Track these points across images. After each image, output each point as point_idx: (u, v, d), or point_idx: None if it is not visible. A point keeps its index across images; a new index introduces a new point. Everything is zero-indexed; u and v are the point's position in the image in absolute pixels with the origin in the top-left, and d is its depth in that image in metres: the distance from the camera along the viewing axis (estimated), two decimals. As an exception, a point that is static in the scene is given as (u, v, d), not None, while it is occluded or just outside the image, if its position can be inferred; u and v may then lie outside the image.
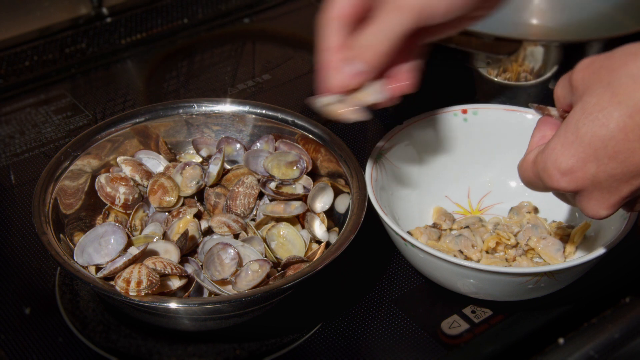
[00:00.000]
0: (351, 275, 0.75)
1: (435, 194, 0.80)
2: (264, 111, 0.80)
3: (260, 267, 0.68)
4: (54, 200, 0.71)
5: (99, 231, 0.69)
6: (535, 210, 0.78)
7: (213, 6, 1.15)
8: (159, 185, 0.75)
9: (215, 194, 0.76)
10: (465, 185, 0.81)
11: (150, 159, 0.79)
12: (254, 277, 0.67)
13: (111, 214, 0.75)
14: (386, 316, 0.71)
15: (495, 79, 0.84)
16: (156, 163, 0.79)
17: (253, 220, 0.74)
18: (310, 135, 0.78)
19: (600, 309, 0.71)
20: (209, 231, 0.73)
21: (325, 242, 0.72)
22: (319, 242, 0.73)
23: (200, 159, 0.80)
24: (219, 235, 0.72)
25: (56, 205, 0.71)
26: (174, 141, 0.81)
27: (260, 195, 0.76)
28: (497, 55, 0.80)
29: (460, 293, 0.70)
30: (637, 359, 0.69)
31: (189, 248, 0.71)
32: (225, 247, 0.69)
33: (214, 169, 0.76)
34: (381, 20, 0.61)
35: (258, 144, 0.79)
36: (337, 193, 0.75)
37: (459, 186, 0.81)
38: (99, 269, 0.67)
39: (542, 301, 0.70)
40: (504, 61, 0.82)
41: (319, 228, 0.73)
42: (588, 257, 0.65)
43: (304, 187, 0.76)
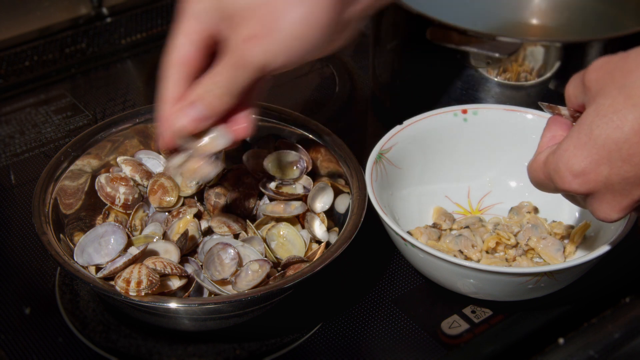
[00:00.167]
0: (351, 275, 0.75)
1: (435, 194, 0.80)
2: (264, 111, 0.79)
3: (260, 267, 0.68)
4: (54, 200, 0.71)
5: (99, 231, 0.69)
6: (535, 210, 0.78)
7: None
8: (159, 185, 0.75)
9: (215, 194, 0.75)
10: (465, 185, 0.81)
11: (150, 159, 0.79)
12: (254, 277, 0.67)
13: (111, 214, 0.75)
14: (386, 316, 0.71)
15: (495, 79, 0.84)
16: (156, 163, 0.79)
17: (253, 220, 0.74)
18: (310, 135, 0.78)
19: (600, 309, 0.71)
20: (209, 231, 0.73)
21: (325, 242, 0.72)
22: (319, 242, 0.73)
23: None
24: (219, 235, 0.72)
25: (56, 205, 0.71)
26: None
27: (260, 195, 0.76)
28: (497, 55, 0.80)
29: (460, 293, 0.70)
30: (637, 359, 0.69)
31: (189, 248, 0.71)
32: (225, 247, 0.69)
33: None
34: (224, 73, 0.60)
35: (258, 144, 0.79)
36: (337, 193, 0.75)
37: (459, 186, 0.81)
38: (99, 269, 0.67)
39: (542, 301, 0.70)
40: (504, 61, 0.82)
41: (319, 228, 0.73)
42: (588, 257, 0.65)
43: (304, 187, 0.76)
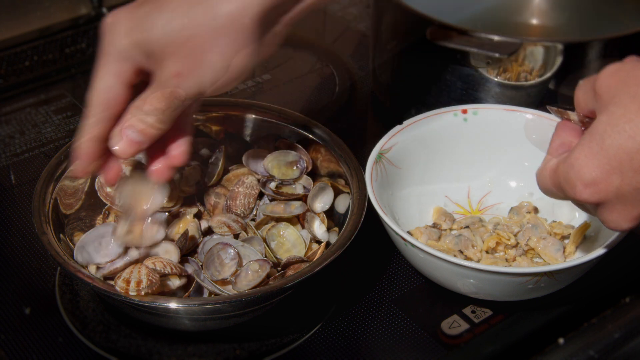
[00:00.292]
0: (351, 275, 0.75)
1: (435, 194, 0.80)
2: (264, 111, 0.79)
3: (260, 267, 0.68)
4: (54, 200, 0.71)
5: (99, 231, 0.69)
6: (535, 210, 0.78)
7: (213, 6, 1.15)
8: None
9: (215, 194, 0.75)
10: (465, 185, 0.81)
11: (150, 159, 0.79)
12: (254, 277, 0.67)
13: (111, 214, 0.74)
14: (386, 316, 0.71)
15: (495, 79, 0.84)
16: (156, 163, 0.79)
17: (253, 220, 0.74)
18: (310, 135, 0.78)
19: (600, 309, 0.71)
20: (209, 231, 0.73)
21: (325, 242, 0.72)
22: (319, 242, 0.73)
23: (200, 159, 0.80)
24: (219, 235, 0.72)
25: (56, 205, 0.71)
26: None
27: (260, 195, 0.76)
28: (497, 55, 0.80)
29: (460, 293, 0.70)
30: (637, 359, 0.69)
31: (189, 248, 0.71)
32: (225, 247, 0.69)
33: (214, 169, 0.76)
34: (156, 103, 0.61)
35: (258, 144, 0.79)
36: (337, 193, 0.75)
37: (459, 186, 0.81)
38: (99, 268, 0.67)
39: (542, 301, 0.70)
40: (504, 61, 0.82)
41: (319, 228, 0.73)
42: (588, 257, 0.65)
43: (304, 187, 0.76)
